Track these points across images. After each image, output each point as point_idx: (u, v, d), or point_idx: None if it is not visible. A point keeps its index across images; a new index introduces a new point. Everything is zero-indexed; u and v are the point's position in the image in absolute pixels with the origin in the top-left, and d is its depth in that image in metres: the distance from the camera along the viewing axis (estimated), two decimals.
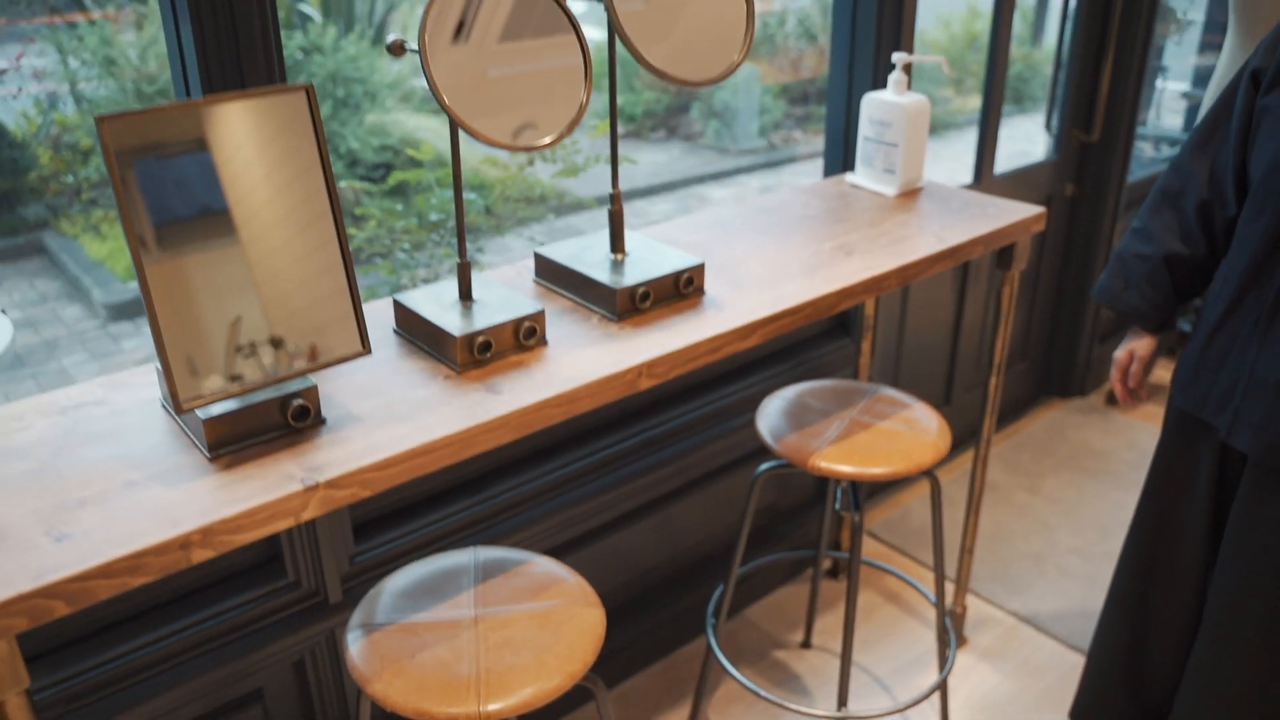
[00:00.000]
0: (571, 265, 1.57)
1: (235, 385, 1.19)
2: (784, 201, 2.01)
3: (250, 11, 1.43)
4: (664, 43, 1.46)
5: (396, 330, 1.48)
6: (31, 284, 4.91)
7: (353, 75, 4.43)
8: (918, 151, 2.01)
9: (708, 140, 6.15)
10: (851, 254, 1.75)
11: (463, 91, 1.28)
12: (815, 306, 1.58)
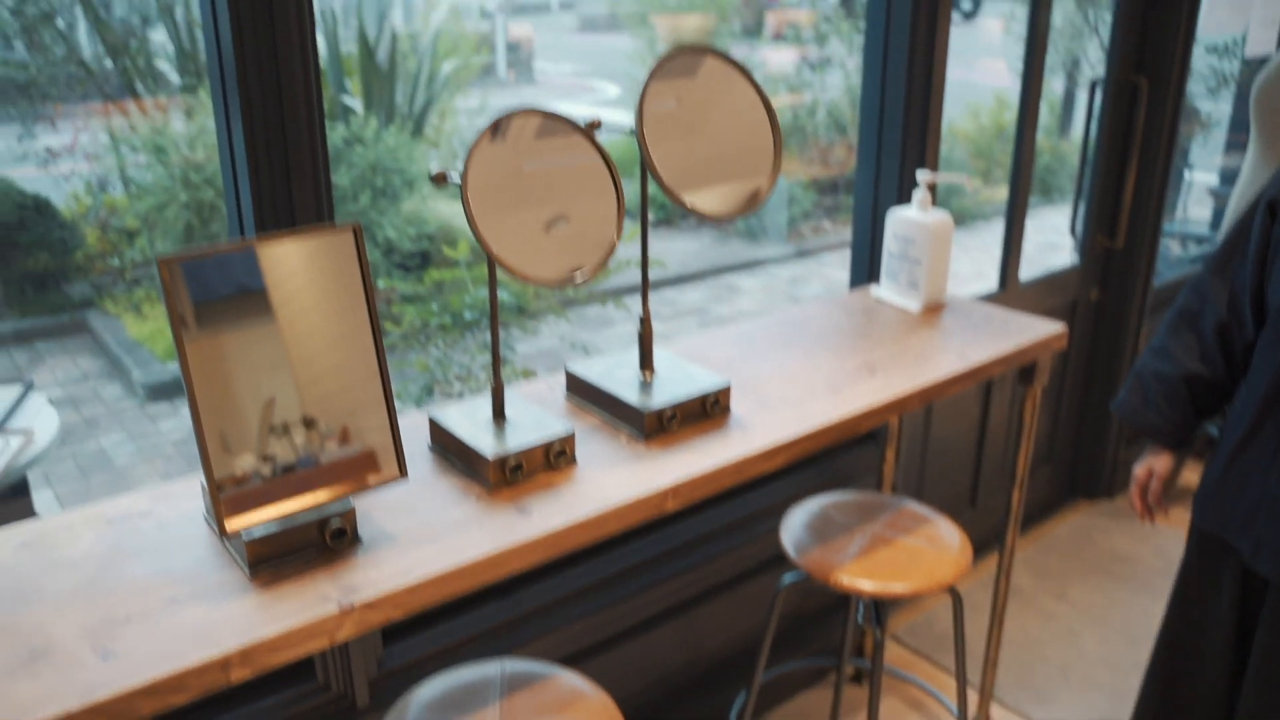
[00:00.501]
0: (601, 384, 1.62)
1: (266, 466, 1.23)
2: (810, 314, 2.06)
3: (299, 122, 1.51)
4: (694, 179, 1.52)
5: (431, 446, 1.53)
6: (74, 361, 5.03)
7: (392, 166, 4.55)
8: (941, 267, 2.06)
9: (738, 229, 6.25)
10: (875, 372, 1.79)
11: (504, 232, 1.34)
12: (839, 429, 1.62)
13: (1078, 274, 3.22)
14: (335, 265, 1.24)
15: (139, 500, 1.41)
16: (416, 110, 5.24)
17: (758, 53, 6.98)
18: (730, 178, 1.56)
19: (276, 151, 1.52)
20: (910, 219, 2.04)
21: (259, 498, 1.22)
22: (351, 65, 5.47)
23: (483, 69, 11.30)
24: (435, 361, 2.76)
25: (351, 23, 8.17)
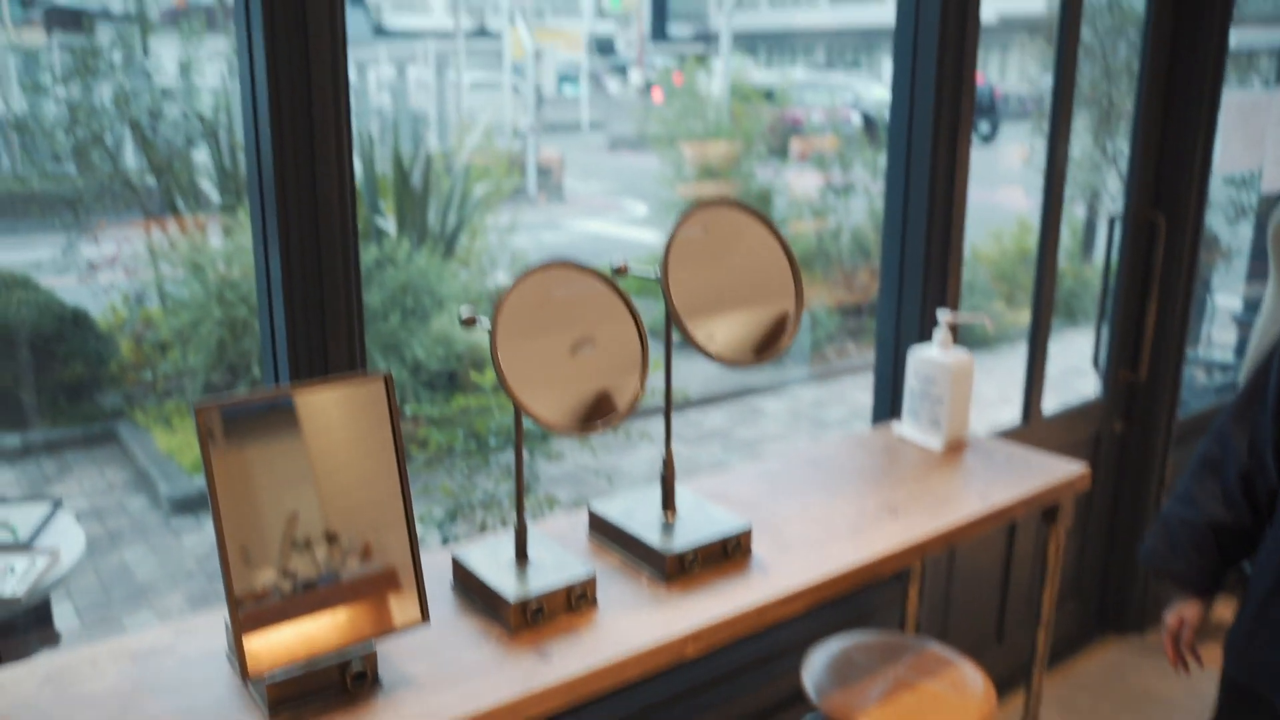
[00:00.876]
0: (623, 525, 1.63)
1: (287, 581, 1.24)
2: (831, 452, 2.08)
3: (333, 224, 1.56)
4: (715, 326, 1.56)
5: (453, 585, 1.54)
6: (102, 472, 5.08)
7: (422, 286, 4.65)
8: (963, 406, 2.08)
9: None
10: (896, 514, 1.79)
11: (528, 379, 1.37)
12: (860, 573, 1.62)
13: (1101, 406, 3.23)
14: (366, 408, 1.27)
15: (163, 635, 1.43)
16: (448, 232, 5.37)
17: (782, 176, 7.14)
18: (753, 329, 1.60)
19: (311, 271, 1.57)
20: (931, 358, 2.07)
21: (278, 614, 1.23)
22: (386, 186, 5.62)
23: (519, 179, 11.56)
24: (459, 487, 2.78)
25: (389, 141, 8.42)
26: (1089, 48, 4.99)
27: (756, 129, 6.83)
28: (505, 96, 15.65)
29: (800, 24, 32.76)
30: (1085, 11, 5.13)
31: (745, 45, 33.37)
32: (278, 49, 1.50)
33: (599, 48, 29.89)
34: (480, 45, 21.66)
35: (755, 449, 5.03)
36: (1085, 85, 5.01)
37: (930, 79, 2.25)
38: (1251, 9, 5.21)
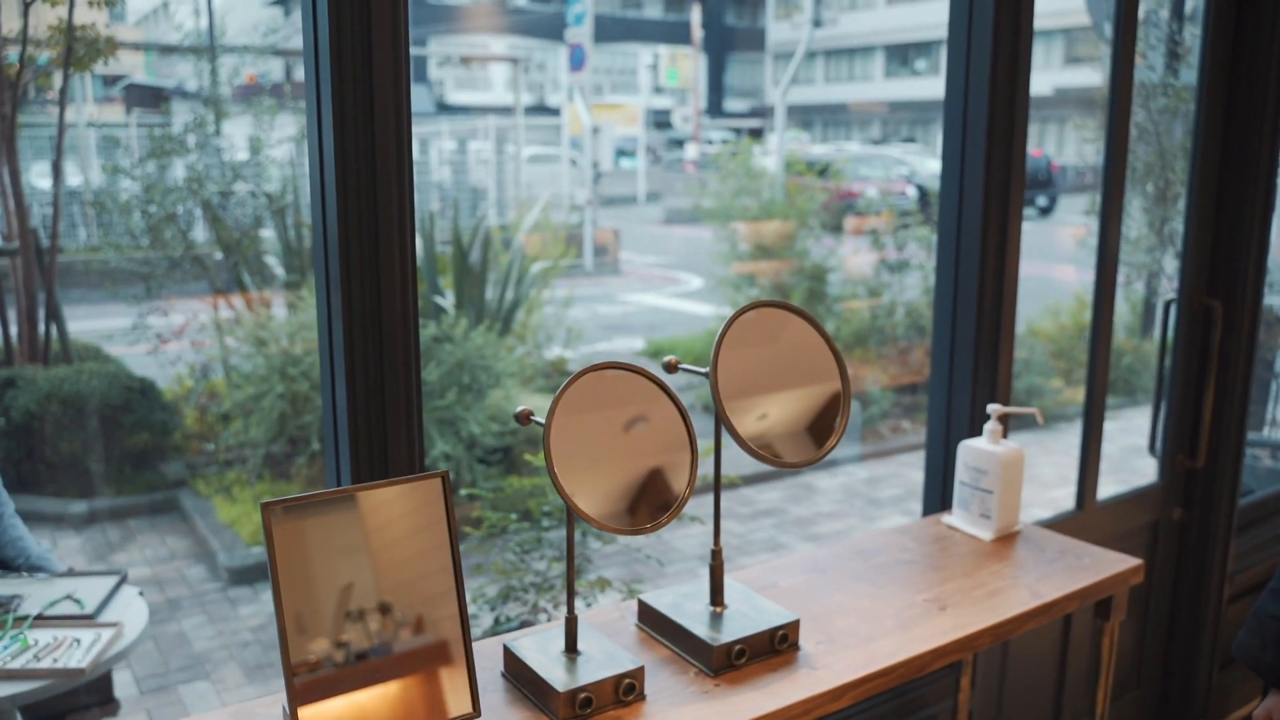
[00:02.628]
0: (672, 615, 1.65)
1: (340, 652, 1.28)
2: (881, 543, 2.08)
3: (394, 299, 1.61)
4: (767, 431, 1.59)
5: (504, 673, 1.56)
6: (163, 540, 5.18)
7: (479, 363, 4.73)
8: (1013, 498, 2.08)
9: None
10: (945, 608, 1.79)
11: (579, 476, 1.41)
12: (907, 667, 1.62)
13: (1159, 492, 3.19)
14: (424, 506, 1.32)
15: (221, 718, 1.46)
16: (505, 308, 5.46)
17: (837, 253, 7.18)
18: (804, 430, 1.62)
19: (372, 347, 1.62)
20: (982, 450, 2.07)
21: (331, 686, 1.27)
22: (446, 263, 5.75)
23: (576, 257, 11.72)
24: (511, 566, 2.82)
25: (449, 215, 8.56)
26: (1143, 127, 5.00)
27: (810, 206, 6.90)
28: (563, 170, 15.95)
29: (855, 98, 33.09)
30: (1140, 90, 5.14)
31: (800, 120, 33.74)
32: (345, 127, 1.57)
33: (656, 122, 30.46)
34: (541, 120, 22.17)
35: (808, 527, 5.01)
36: (1140, 165, 5.01)
37: (980, 156, 2.28)
38: None
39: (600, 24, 25.68)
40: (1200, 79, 2.95)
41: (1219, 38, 2.92)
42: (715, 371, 1.54)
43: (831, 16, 16.32)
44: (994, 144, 2.27)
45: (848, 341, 6.41)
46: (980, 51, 2.26)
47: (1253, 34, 2.91)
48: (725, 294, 7.20)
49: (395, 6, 1.57)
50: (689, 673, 1.57)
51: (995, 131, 2.27)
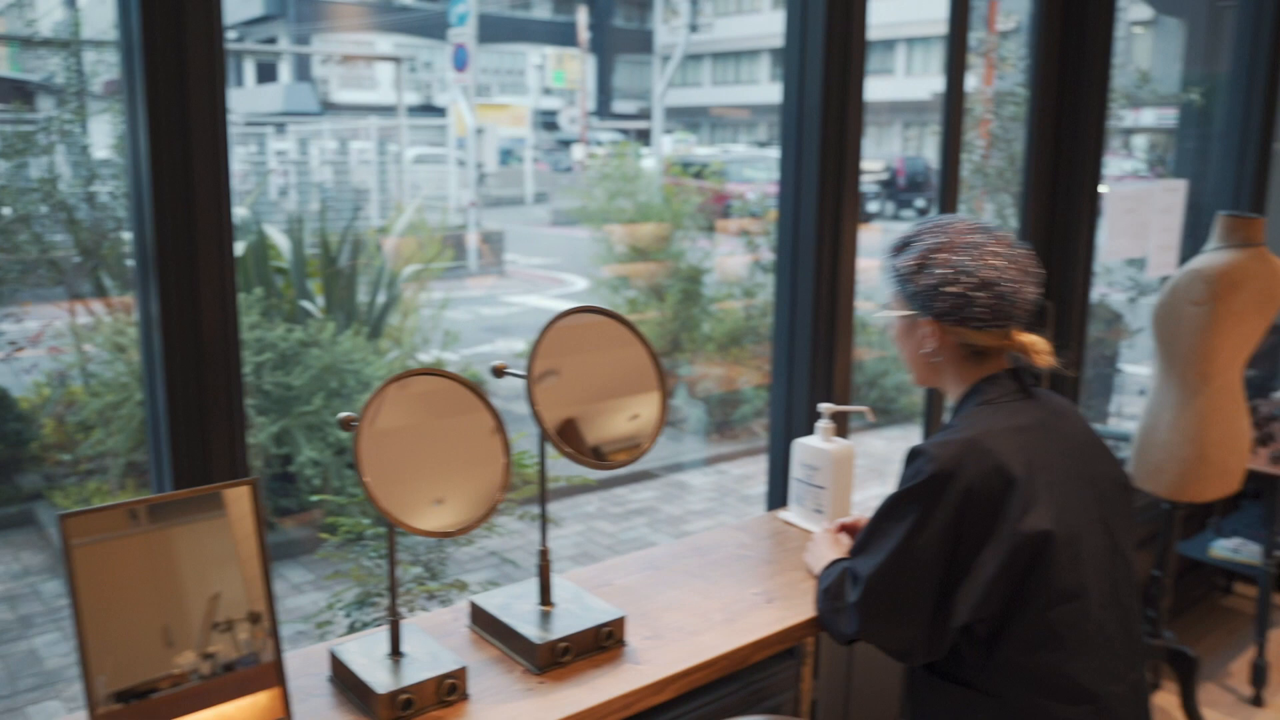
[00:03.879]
0: (500, 616, 1.67)
1: (206, 664, 1.27)
2: (717, 541, 2.14)
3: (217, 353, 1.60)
4: (582, 434, 1.62)
5: (330, 679, 1.57)
6: (16, 556, 4.99)
7: (347, 367, 4.67)
8: (844, 493, 2.15)
9: (691, 427, 6.38)
10: (772, 601, 1.86)
11: (399, 488, 1.43)
12: (729, 660, 1.67)
13: None
14: (235, 513, 1.32)
15: None
16: (376, 312, 5.40)
17: (713, 255, 7.28)
18: (623, 432, 1.66)
19: (190, 352, 1.59)
20: (814, 448, 2.15)
21: (199, 698, 1.27)
22: (317, 266, 5.65)
23: (452, 259, 11.61)
24: (367, 572, 2.81)
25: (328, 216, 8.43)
26: (995, 135, 5.20)
27: (686, 208, 6.98)
28: (450, 171, 15.81)
29: (740, 100, 33.52)
30: (994, 98, 5.33)
31: (687, 122, 34.04)
32: (160, 129, 1.53)
33: (544, 123, 30.38)
34: (428, 120, 21.92)
35: (680, 525, 5.08)
36: (991, 171, 5.21)
37: (814, 161, 2.35)
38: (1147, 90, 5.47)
39: (487, 24, 25.51)
40: (1031, 89, 3.09)
41: (1048, 48, 3.06)
42: (532, 375, 1.57)
43: (708, 21, 16.52)
44: (828, 149, 2.34)
45: (722, 341, 6.51)
46: (813, 59, 2.33)
47: (1078, 44, 3.06)
48: (604, 296, 7.25)
49: (208, 3, 1.55)
50: (515, 671, 1.60)
51: (829, 137, 2.34)
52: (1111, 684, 1.59)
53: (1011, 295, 1.60)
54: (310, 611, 3.50)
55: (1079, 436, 1.67)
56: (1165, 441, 3.02)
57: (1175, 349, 2.99)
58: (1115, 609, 1.61)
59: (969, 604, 1.54)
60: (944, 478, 1.54)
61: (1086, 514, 1.60)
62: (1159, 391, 3.08)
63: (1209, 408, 3.00)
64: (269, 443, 4.50)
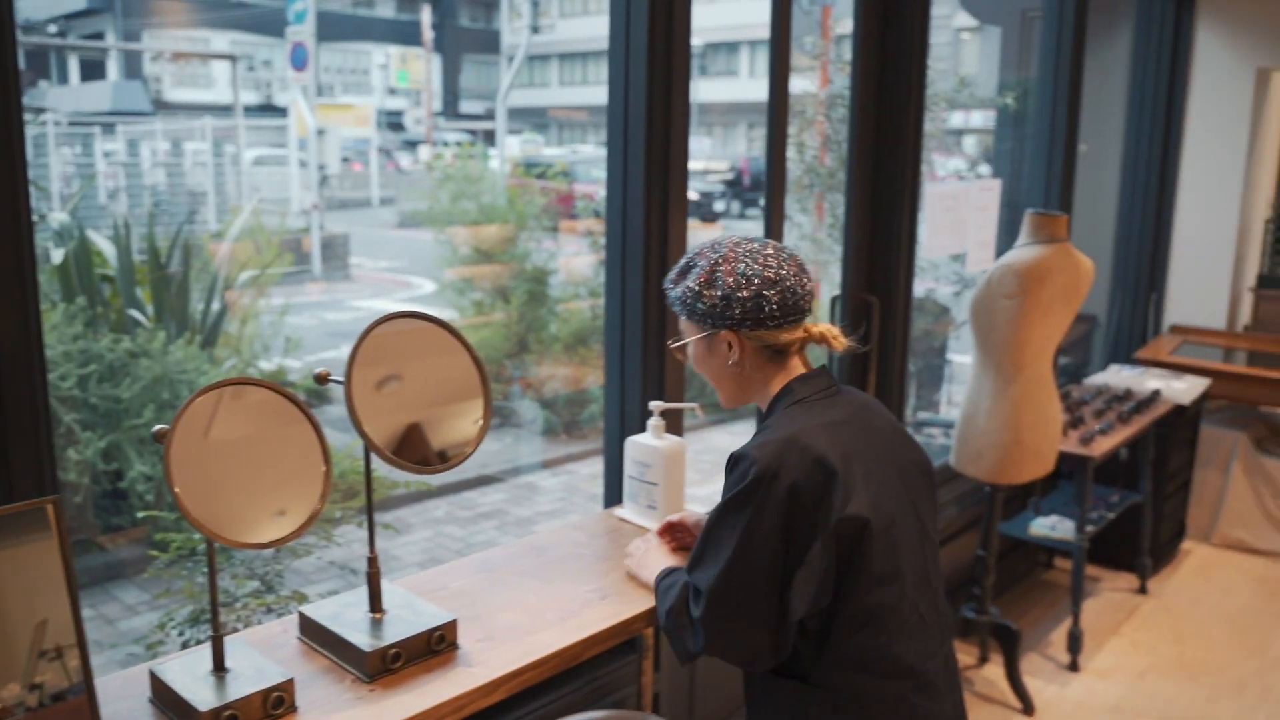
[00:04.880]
0: (330, 626, 1.66)
1: (33, 696, 1.21)
2: (554, 540, 2.16)
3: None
4: (404, 431, 1.62)
5: (151, 700, 1.52)
6: None
7: (180, 378, 4.51)
8: (676, 489, 2.20)
9: (539, 428, 6.39)
10: (606, 597, 1.89)
11: (210, 495, 1.40)
12: (561, 657, 1.70)
13: None
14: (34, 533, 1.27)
15: None
16: (210, 319, 5.23)
17: (559, 256, 7.30)
18: (447, 435, 1.67)
19: None
20: (645, 445, 2.19)
21: None
22: (145, 273, 5.43)
23: (294, 263, 11.31)
24: (201, 589, 2.72)
25: (160, 221, 8.09)
26: (828, 136, 5.39)
27: (530, 209, 6.99)
28: (293, 173, 15.37)
29: (587, 101, 33.60)
30: (828, 101, 5.49)
31: (535, 123, 33.95)
32: None
33: (390, 124, 29.83)
34: (269, 121, 21.23)
35: (530, 526, 5.09)
36: (824, 171, 5.40)
37: (640, 162, 2.39)
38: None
39: (329, 22, 24.90)
40: (853, 92, 3.22)
41: (868, 54, 3.19)
42: (350, 381, 1.56)
43: (550, 22, 16.55)
44: (653, 150, 2.39)
45: (569, 342, 6.54)
46: (637, 62, 2.37)
47: (896, 50, 3.19)
48: (450, 298, 7.19)
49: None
50: (345, 680, 1.59)
51: (654, 138, 2.39)
52: (928, 661, 1.67)
53: (796, 288, 1.67)
54: (145, 632, 3.38)
55: (885, 427, 1.75)
56: (984, 428, 3.19)
57: (991, 340, 3.16)
58: (926, 590, 1.69)
59: (805, 598, 1.59)
60: (769, 478, 1.59)
61: (897, 500, 1.68)
62: (977, 381, 3.25)
63: (1023, 395, 3.18)
64: (96, 458, 4.31)
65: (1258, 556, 4.64)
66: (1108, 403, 4.05)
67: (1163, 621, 4.04)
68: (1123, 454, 4.20)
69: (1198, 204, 5.03)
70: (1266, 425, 4.90)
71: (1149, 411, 3.99)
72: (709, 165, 19.86)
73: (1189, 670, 3.68)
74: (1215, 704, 3.46)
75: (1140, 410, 3.98)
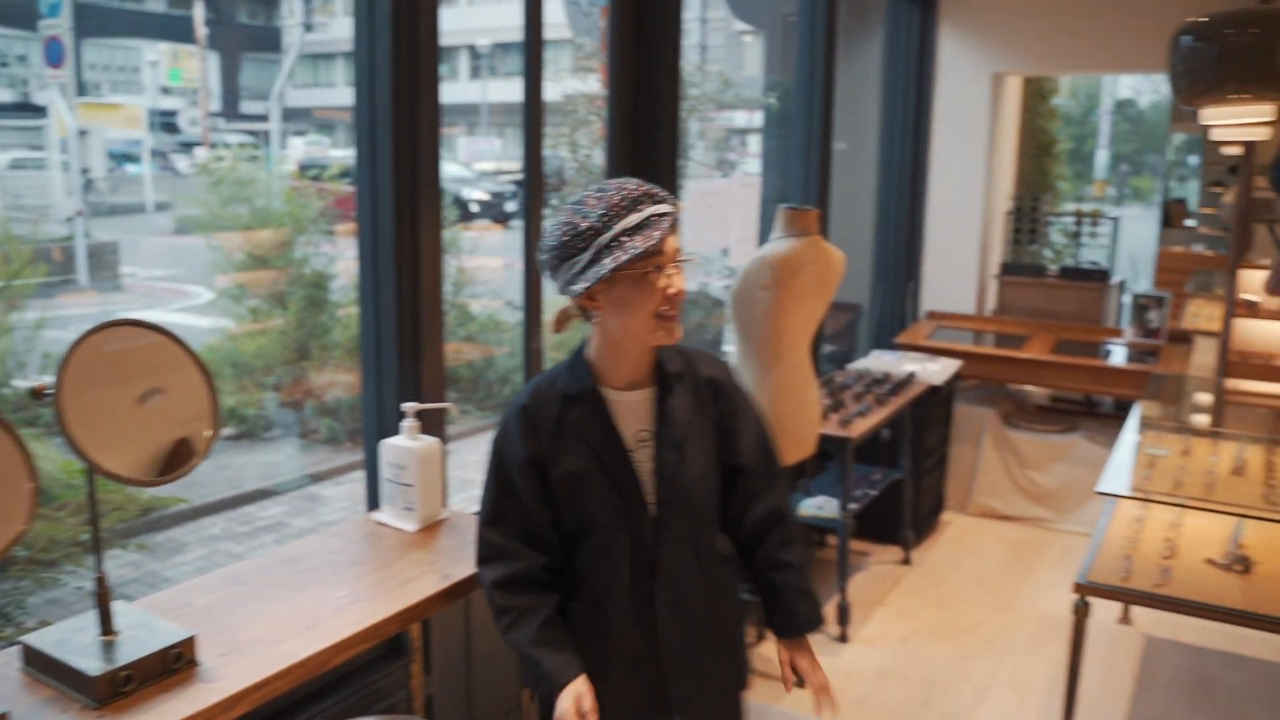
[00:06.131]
0: (54, 653, 1.58)
1: None
2: (307, 550, 2.12)
3: None
4: (120, 445, 1.57)
5: None
6: None
7: None
8: (434, 489, 2.21)
9: (322, 437, 6.22)
10: (358, 601, 1.87)
11: None
12: (307, 666, 1.68)
13: None
14: None
15: None
16: None
17: (340, 261, 7.12)
18: (162, 447, 1.62)
19: None
20: (400, 447, 2.18)
21: None
22: None
23: (49, 273, 10.59)
24: None
25: None
26: (596, 137, 5.47)
27: (306, 212, 6.78)
28: (54, 177, 14.36)
29: None
30: (606, 101, 5.51)
31: (322, 124, 32.92)
32: None
33: (164, 124, 28.28)
34: (24, 121, 19.74)
35: None
36: (597, 170, 5.47)
37: (388, 165, 2.37)
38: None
39: (91, 15, 23.39)
40: (610, 92, 3.28)
41: (622, 52, 3.26)
42: (62, 393, 1.50)
43: (323, 21, 16.08)
44: (400, 153, 2.37)
45: (351, 347, 6.38)
46: (382, 65, 2.35)
47: (650, 49, 3.27)
48: (227, 306, 6.90)
49: None
50: (72, 709, 1.52)
51: (401, 140, 2.38)
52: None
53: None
54: None
55: None
56: None
57: (750, 330, 3.30)
58: None
59: None
60: None
61: None
62: (739, 369, 3.38)
63: (782, 382, 3.32)
64: None
65: (1008, 522, 5.02)
66: (867, 386, 4.28)
67: (925, 589, 4.31)
68: (884, 434, 4.45)
69: (946, 199, 5.38)
70: (1013, 401, 5.30)
71: (905, 393, 4.25)
72: (500, 166, 19.73)
73: (947, 632, 3.94)
74: (970, 660, 3.73)
75: (897, 392, 4.22)
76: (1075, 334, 5.19)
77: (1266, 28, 2.62)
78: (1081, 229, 5.81)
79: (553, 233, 1.72)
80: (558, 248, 1.71)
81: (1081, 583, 2.65)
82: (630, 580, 1.81)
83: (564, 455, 1.77)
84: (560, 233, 1.70)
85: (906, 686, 3.56)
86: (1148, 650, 3.83)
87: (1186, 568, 2.74)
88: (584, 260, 1.68)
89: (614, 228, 1.68)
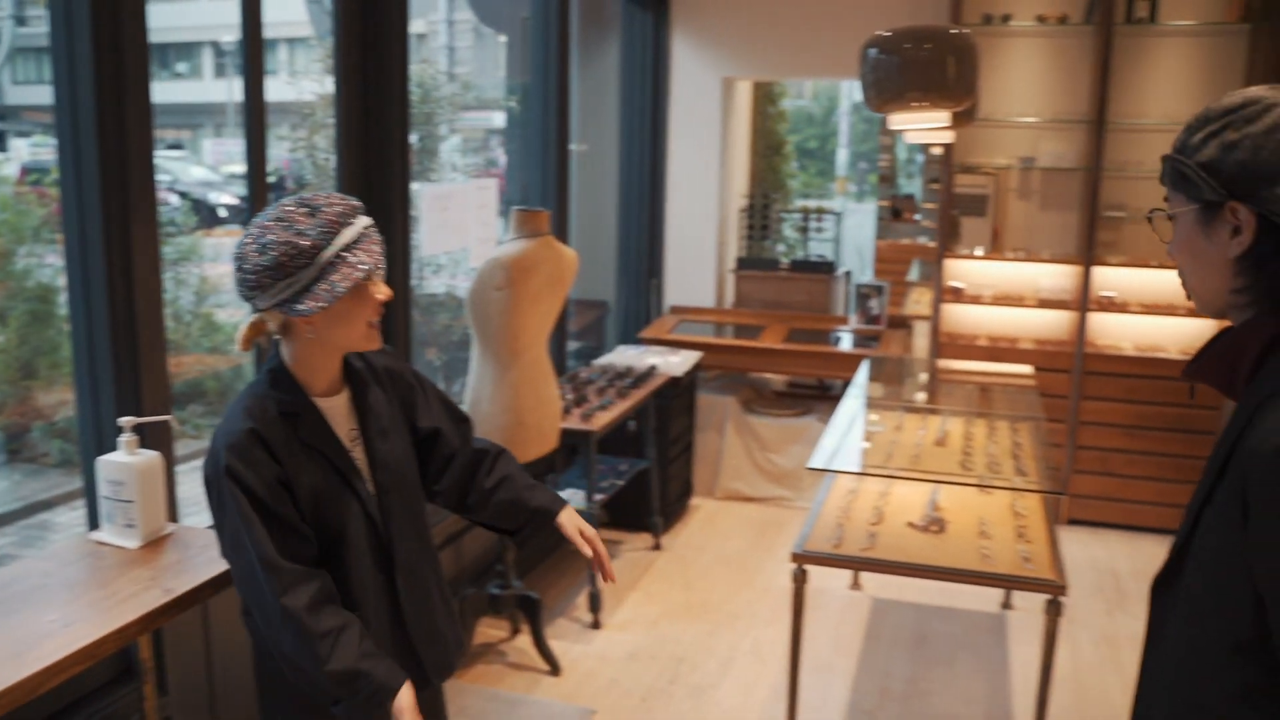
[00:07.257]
0: None
1: None
2: (19, 574, 2.03)
3: None
4: None
5: None
6: None
7: None
8: (155, 504, 2.16)
9: (53, 460, 5.85)
10: (70, 625, 1.82)
11: None
12: (12, 694, 1.62)
13: None
14: None
15: None
16: None
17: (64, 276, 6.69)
18: None
19: None
20: (117, 463, 2.13)
21: None
22: None
23: None
24: None
25: None
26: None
27: (29, 220, 6.34)
28: None
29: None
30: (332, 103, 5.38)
31: (48, 126, 30.53)
32: None
33: None
34: None
35: None
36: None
37: (94, 173, 2.29)
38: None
39: None
40: (337, 96, 3.27)
41: (348, 54, 3.25)
42: None
43: (39, 14, 14.98)
44: (108, 153, 2.30)
45: None
46: (83, 65, 2.27)
47: (377, 51, 3.28)
48: None
49: None
50: None
51: (108, 146, 2.30)
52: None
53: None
54: None
55: None
56: (488, 413, 3.39)
57: (488, 330, 3.37)
58: None
59: None
60: None
61: None
62: (479, 369, 3.45)
63: (521, 379, 3.41)
64: None
65: (752, 503, 5.31)
66: (610, 381, 4.43)
67: (674, 572, 4.51)
68: (631, 426, 4.62)
69: (685, 197, 5.62)
70: (752, 389, 5.60)
71: (647, 385, 4.43)
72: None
73: (695, 611, 4.14)
74: (714, 636, 3.94)
75: (639, 385, 4.40)
76: (806, 323, 5.55)
77: (939, 43, 2.91)
78: (809, 224, 6.20)
79: (264, 252, 1.67)
80: (273, 267, 1.66)
81: (798, 552, 2.86)
82: (374, 570, 1.87)
83: (302, 471, 1.78)
84: (277, 253, 1.66)
85: (656, 665, 3.72)
86: (874, 611, 4.16)
87: (891, 532, 3.01)
88: (305, 278, 1.67)
89: (334, 244, 1.69)
